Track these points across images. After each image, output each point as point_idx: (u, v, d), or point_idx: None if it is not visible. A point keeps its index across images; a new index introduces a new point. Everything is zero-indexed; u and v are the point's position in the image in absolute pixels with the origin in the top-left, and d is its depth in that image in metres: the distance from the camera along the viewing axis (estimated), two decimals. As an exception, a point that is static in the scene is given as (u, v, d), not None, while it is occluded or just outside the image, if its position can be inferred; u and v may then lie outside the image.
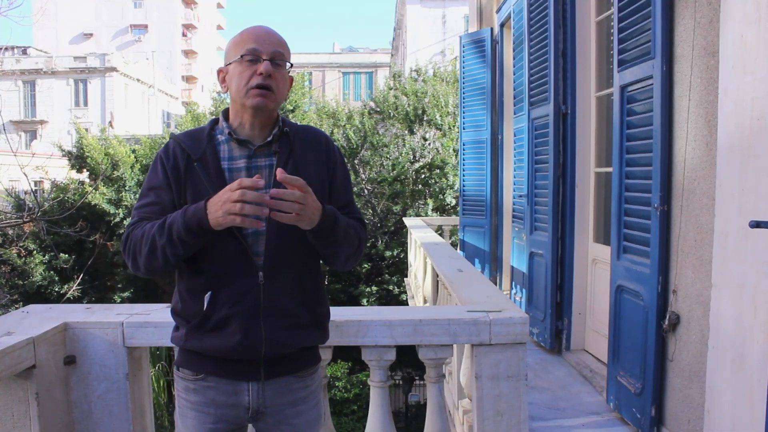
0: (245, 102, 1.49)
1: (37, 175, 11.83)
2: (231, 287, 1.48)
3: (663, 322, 2.50)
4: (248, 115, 1.52)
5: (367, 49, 38.88)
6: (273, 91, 1.49)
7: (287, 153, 1.54)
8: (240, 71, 1.49)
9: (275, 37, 1.52)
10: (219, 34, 52.10)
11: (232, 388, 1.53)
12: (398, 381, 12.41)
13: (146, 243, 1.45)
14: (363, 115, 13.65)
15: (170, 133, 1.66)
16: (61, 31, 41.13)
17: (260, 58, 1.48)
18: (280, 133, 1.55)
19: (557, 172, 3.75)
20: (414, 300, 6.70)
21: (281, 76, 1.51)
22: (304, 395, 1.60)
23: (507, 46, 5.52)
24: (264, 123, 1.54)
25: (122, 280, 12.38)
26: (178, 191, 1.51)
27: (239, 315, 1.48)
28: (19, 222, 9.42)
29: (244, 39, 1.50)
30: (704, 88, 2.26)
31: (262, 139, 1.54)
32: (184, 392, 1.57)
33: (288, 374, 1.57)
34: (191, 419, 1.55)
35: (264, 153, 1.54)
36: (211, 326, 1.49)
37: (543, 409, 3.03)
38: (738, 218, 1.99)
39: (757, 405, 1.86)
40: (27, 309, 2.30)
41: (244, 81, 1.48)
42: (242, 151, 1.53)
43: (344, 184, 1.64)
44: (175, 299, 1.58)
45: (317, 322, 1.60)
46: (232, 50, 1.52)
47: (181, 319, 1.55)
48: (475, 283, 2.91)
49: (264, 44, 1.49)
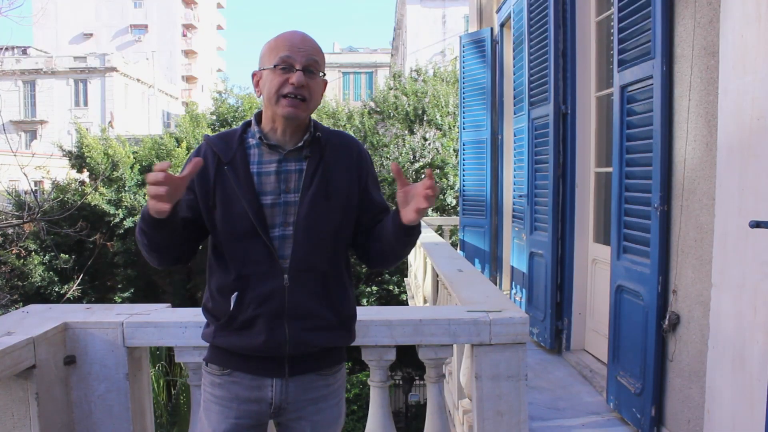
0: (276, 110, 1.49)
1: (37, 175, 11.84)
2: (257, 289, 1.50)
3: (663, 322, 2.50)
4: (280, 122, 1.53)
5: (367, 49, 38.85)
6: (306, 100, 1.49)
7: (318, 158, 1.55)
8: (272, 78, 1.48)
9: (310, 45, 1.51)
10: (219, 34, 52.06)
11: (257, 383, 1.56)
12: (398, 381, 12.41)
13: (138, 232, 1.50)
14: (363, 115, 13.64)
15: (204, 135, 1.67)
16: (61, 31, 41.13)
17: (293, 67, 1.47)
18: (311, 138, 1.56)
19: (557, 172, 3.75)
20: (414, 300, 6.70)
21: (315, 84, 1.51)
22: (326, 393, 1.62)
23: (507, 46, 5.52)
24: (295, 130, 1.55)
25: (122, 280, 12.38)
26: (205, 193, 1.53)
27: (264, 316, 1.51)
28: (19, 222, 9.42)
29: (278, 45, 1.50)
30: (704, 88, 2.26)
31: (293, 144, 1.54)
32: (210, 386, 1.61)
33: (312, 372, 1.59)
34: (215, 413, 1.58)
35: (294, 157, 1.55)
36: (238, 326, 1.52)
37: (543, 409, 3.03)
38: (738, 218, 1.99)
39: (757, 405, 1.86)
40: (27, 309, 2.30)
41: (275, 88, 1.48)
42: (272, 155, 1.54)
43: (377, 190, 1.67)
44: (206, 296, 1.61)
45: (342, 323, 1.61)
46: (266, 56, 1.51)
47: (211, 316, 1.58)
48: (475, 283, 2.91)
49: (298, 52, 1.48)
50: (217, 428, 1.56)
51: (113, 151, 12.34)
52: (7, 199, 11.77)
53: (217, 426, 1.56)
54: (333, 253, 1.57)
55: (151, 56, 39.09)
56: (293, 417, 1.59)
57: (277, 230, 1.51)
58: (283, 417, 1.60)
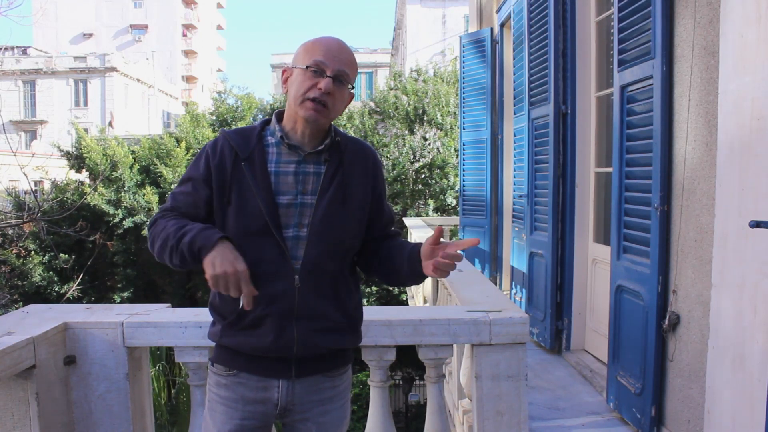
0: (299, 111, 1.50)
1: (37, 175, 11.83)
2: (267, 288, 1.50)
3: (663, 322, 2.50)
4: (300, 123, 1.53)
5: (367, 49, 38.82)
6: (328, 108, 1.49)
7: (337, 163, 1.56)
8: (301, 80, 1.49)
9: (345, 55, 1.51)
10: (219, 34, 52.05)
11: (263, 384, 1.55)
12: (398, 381, 12.41)
13: (162, 236, 1.48)
14: (363, 114, 13.64)
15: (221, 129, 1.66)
16: (61, 31, 41.13)
17: (324, 73, 1.48)
18: (331, 143, 1.56)
19: (557, 172, 3.75)
20: (414, 300, 6.70)
21: (340, 94, 1.51)
22: (332, 395, 1.62)
23: (507, 46, 5.52)
24: (314, 133, 1.55)
25: (122, 280, 12.37)
26: (221, 189, 1.52)
27: (273, 315, 1.51)
28: (19, 222, 9.42)
29: (315, 48, 1.50)
30: (704, 88, 2.26)
31: (311, 147, 1.55)
32: (215, 387, 1.60)
33: (318, 373, 1.59)
34: (220, 414, 1.58)
35: (313, 160, 1.55)
36: (246, 325, 1.52)
37: (543, 409, 3.03)
38: (738, 218, 1.99)
39: (757, 405, 1.86)
40: (27, 309, 2.30)
41: (302, 90, 1.48)
42: (292, 156, 1.54)
43: (386, 199, 1.68)
44: (213, 295, 1.60)
45: (350, 325, 1.61)
46: (301, 55, 1.51)
47: (218, 315, 1.58)
48: (475, 283, 2.92)
49: (332, 60, 1.48)
50: (222, 429, 1.56)
51: (112, 152, 12.33)
52: (7, 200, 11.77)
53: (222, 426, 1.56)
54: (343, 257, 1.58)
55: (151, 56, 39.09)
56: (299, 418, 1.59)
57: (291, 231, 1.51)
58: (288, 418, 1.60)
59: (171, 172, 11.99)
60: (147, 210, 11.89)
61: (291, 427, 1.62)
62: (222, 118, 13.45)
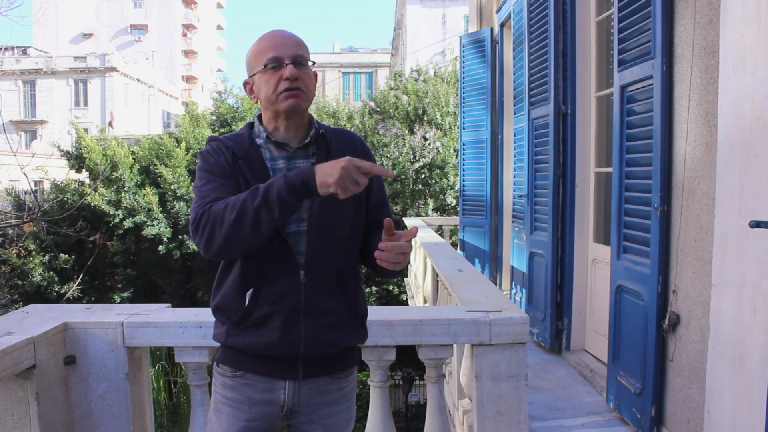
0: (278, 107, 1.50)
1: (37, 175, 11.83)
2: (273, 285, 1.50)
3: (663, 322, 2.50)
4: (282, 119, 1.53)
5: (367, 49, 38.86)
6: (303, 90, 1.51)
7: (325, 153, 1.56)
8: (266, 80, 1.50)
9: (292, 39, 1.53)
10: (219, 34, 52.04)
11: (269, 385, 1.55)
12: (398, 381, 12.41)
13: (233, 210, 1.38)
14: (363, 114, 13.65)
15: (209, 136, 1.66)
16: (61, 31, 41.10)
17: (283, 63, 1.49)
18: (316, 135, 1.57)
19: (557, 172, 3.75)
20: (414, 300, 6.70)
21: (307, 76, 1.53)
22: (339, 396, 1.62)
23: (507, 46, 5.52)
24: (298, 125, 1.56)
25: (122, 280, 12.38)
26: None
27: (280, 312, 1.50)
28: (19, 222, 9.42)
29: (262, 48, 1.51)
30: (704, 88, 2.26)
31: (298, 141, 1.55)
32: (221, 388, 1.59)
33: (325, 374, 1.58)
34: (226, 415, 1.57)
35: (302, 155, 1.55)
36: (252, 322, 1.51)
37: (543, 409, 3.03)
38: (738, 218, 1.99)
39: (757, 405, 1.86)
40: (27, 309, 2.30)
41: (272, 88, 1.49)
42: (280, 153, 1.55)
43: (380, 186, 1.67)
44: (216, 296, 1.60)
45: (358, 320, 1.61)
46: (253, 61, 1.53)
47: (223, 315, 1.57)
48: (475, 283, 2.91)
49: (283, 49, 1.50)
50: (229, 430, 1.56)
51: (112, 152, 12.33)
52: (7, 200, 11.77)
53: (229, 428, 1.56)
54: (348, 249, 1.58)
55: (151, 56, 39.07)
56: (305, 420, 1.59)
57: (292, 226, 1.51)
58: (294, 420, 1.59)
59: (171, 173, 11.99)
60: (147, 210, 11.89)
61: (297, 429, 1.61)
62: (222, 118, 13.44)
